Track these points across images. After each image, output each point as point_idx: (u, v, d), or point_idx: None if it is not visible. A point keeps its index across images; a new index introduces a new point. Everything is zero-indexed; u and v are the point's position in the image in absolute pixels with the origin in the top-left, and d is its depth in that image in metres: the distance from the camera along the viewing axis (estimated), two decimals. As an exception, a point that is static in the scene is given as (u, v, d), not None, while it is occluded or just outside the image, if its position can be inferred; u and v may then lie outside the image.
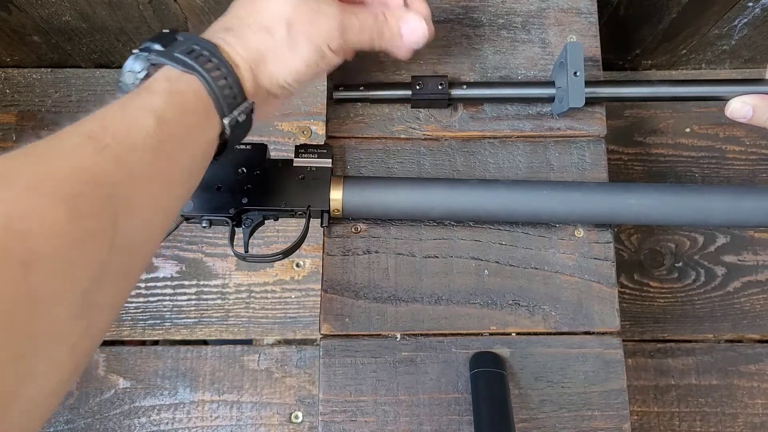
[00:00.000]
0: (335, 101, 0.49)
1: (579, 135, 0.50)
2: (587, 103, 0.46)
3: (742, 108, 0.45)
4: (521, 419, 0.44)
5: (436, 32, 0.51)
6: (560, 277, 0.47)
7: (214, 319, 0.74)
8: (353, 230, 0.47)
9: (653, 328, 0.75)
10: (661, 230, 0.77)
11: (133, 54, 0.34)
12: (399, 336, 0.45)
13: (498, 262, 0.47)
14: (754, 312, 0.74)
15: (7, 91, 0.81)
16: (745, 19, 0.70)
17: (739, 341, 0.74)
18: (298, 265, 0.77)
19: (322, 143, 0.46)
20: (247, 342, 0.74)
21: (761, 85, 0.45)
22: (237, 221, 0.44)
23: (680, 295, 0.76)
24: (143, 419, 0.70)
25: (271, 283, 0.76)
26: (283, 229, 0.77)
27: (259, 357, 0.73)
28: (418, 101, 0.48)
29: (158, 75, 0.33)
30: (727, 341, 0.74)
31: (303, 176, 0.44)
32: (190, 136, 0.33)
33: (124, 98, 0.31)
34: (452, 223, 0.48)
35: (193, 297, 0.75)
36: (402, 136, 0.49)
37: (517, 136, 0.50)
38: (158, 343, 0.75)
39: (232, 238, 0.44)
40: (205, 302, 0.75)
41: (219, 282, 0.76)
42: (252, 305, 0.75)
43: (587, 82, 0.45)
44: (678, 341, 0.74)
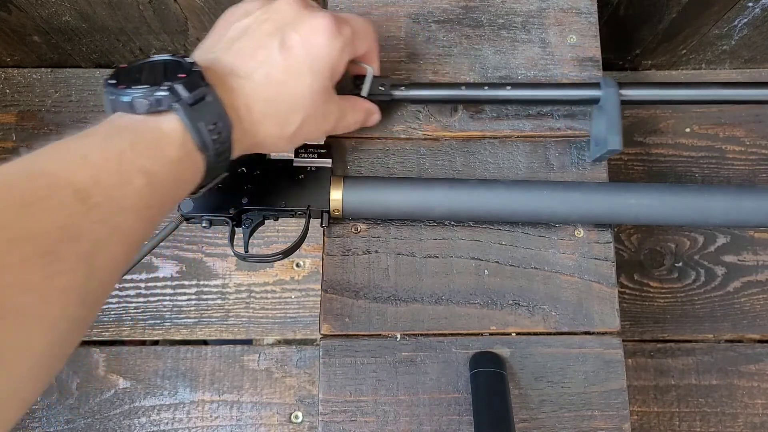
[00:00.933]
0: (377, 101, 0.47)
1: (579, 135, 0.50)
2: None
3: None
4: (521, 419, 0.44)
5: (436, 32, 0.52)
6: (560, 277, 0.47)
7: (214, 319, 0.74)
8: (353, 230, 0.47)
9: (653, 328, 0.75)
10: (661, 230, 0.77)
11: (163, 87, 0.31)
12: (399, 336, 0.45)
13: (498, 262, 0.47)
14: (754, 312, 0.74)
15: (7, 91, 0.81)
16: (745, 19, 0.70)
17: (739, 341, 0.74)
18: (298, 265, 0.77)
19: (322, 143, 0.46)
20: (247, 342, 0.75)
21: None
22: (237, 221, 0.44)
23: (680, 295, 0.76)
24: (143, 419, 0.71)
25: (271, 283, 0.76)
26: (283, 229, 0.77)
27: (259, 357, 0.73)
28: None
29: (172, 136, 0.31)
30: (727, 341, 0.74)
31: (303, 176, 0.44)
32: (175, 201, 0.33)
33: (123, 143, 0.29)
34: (452, 223, 0.47)
35: (193, 297, 0.75)
36: (402, 136, 0.49)
37: (517, 136, 0.50)
38: (158, 343, 0.75)
39: (232, 238, 0.44)
40: (205, 302, 0.75)
41: (219, 282, 0.76)
42: (252, 305, 0.75)
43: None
44: (678, 341, 0.74)
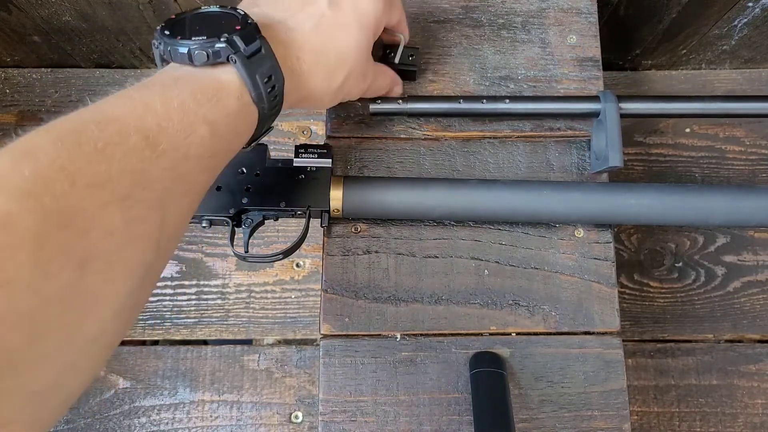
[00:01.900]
0: (372, 114, 0.48)
1: (579, 135, 0.50)
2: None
3: None
4: (521, 419, 0.44)
5: (436, 32, 0.52)
6: (560, 277, 0.47)
7: (214, 319, 0.74)
8: (353, 230, 0.47)
9: (653, 328, 0.75)
10: (661, 230, 0.77)
11: (222, 39, 0.31)
12: (399, 336, 0.45)
13: (498, 262, 0.47)
14: (754, 312, 0.74)
15: (7, 91, 0.81)
16: (745, 19, 0.70)
17: (739, 341, 0.74)
18: (298, 265, 0.77)
19: (322, 143, 0.46)
20: (247, 342, 0.74)
21: None
22: (237, 221, 0.44)
23: (680, 295, 0.76)
24: (143, 419, 0.71)
25: (271, 283, 0.76)
26: (283, 229, 0.77)
27: (259, 357, 0.73)
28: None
29: (230, 87, 0.32)
30: (727, 341, 0.74)
31: (303, 176, 0.44)
32: (233, 152, 0.34)
33: (184, 94, 0.29)
34: (452, 223, 0.47)
35: (193, 297, 0.75)
36: (402, 136, 0.49)
37: (517, 136, 0.50)
38: (158, 343, 0.75)
39: (232, 238, 0.44)
40: (205, 302, 0.75)
41: (219, 282, 0.76)
42: (252, 305, 0.75)
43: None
44: (678, 341, 0.74)
